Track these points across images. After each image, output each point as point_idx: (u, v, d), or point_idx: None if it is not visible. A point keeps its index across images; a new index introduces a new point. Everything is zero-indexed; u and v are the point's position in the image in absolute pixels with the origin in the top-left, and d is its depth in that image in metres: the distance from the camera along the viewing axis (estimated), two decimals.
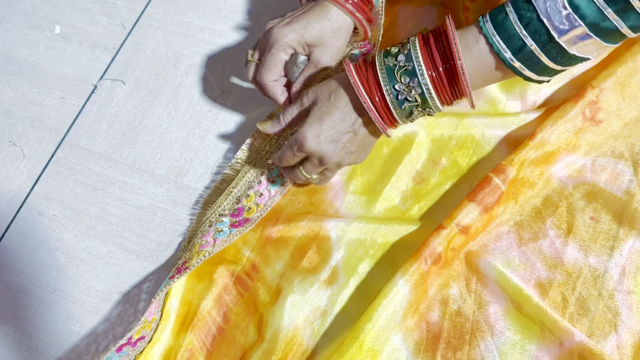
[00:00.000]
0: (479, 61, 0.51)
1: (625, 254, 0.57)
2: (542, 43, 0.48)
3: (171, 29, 0.79)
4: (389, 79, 0.51)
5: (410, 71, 0.50)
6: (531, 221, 0.59)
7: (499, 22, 0.49)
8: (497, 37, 0.49)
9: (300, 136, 0.54)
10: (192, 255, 0.60)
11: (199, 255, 0.59)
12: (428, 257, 0.56)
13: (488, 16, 0.50)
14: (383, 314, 0.55)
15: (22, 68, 0.80)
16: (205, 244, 0.60)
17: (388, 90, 0.51)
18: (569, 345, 0.53)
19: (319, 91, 0.56)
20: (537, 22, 0.47)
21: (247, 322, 0.60)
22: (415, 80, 0.50)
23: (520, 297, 0.55)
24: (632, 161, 0.60)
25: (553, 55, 0.48)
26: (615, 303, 0.55)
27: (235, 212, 0.63)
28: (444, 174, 0.64)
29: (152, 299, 0.58)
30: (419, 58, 0.50)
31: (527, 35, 0.48)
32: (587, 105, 0.61)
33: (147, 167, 0.71)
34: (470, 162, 0.64)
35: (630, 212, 0.58)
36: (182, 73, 0.76)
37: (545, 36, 0.47)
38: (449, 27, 0.49)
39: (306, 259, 0.61)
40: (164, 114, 0.74)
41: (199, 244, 0.60)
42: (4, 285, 0.67)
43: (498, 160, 0.63)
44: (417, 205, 0.63)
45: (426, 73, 0.50)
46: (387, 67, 0.51)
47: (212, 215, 0.63)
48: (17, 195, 0.72)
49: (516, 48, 0.49)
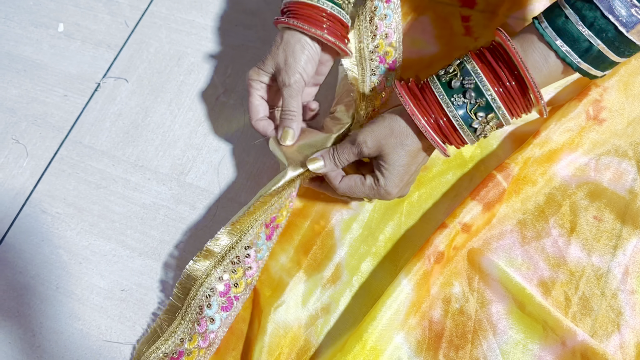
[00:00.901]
0: (548, 74, 0.49)
1: (628, 254, 0.57)
2: (609, 40, 0.46)
3: (174, 27, 0.79)
4: (453, 105, 0.50)
5: (477, 93, 0.49)
6: (534, 220, 0.59)
7: (560, 26, 0.47)
8: (561, 41, 0.47)
9: (385, 192, 0.55)
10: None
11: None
12: (431, 256, 0.56)
13: (546, 21, 0.48)
14: (387, 314, 0.55)
15: (26, 66, 0.80)
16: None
17: (455, 116, 0.50)
18: (571, 344, 0.53)
19: (382, 138, 0.53)
20: (602, 20, 0.45)
21: (254, 316, 0.61)
22: (485, 102, 0.49)
23: (522, 296, 0.55)
24: (636, 160, 0.60)
25: (621, 50, 0.47)
26: (618, 302, 0.55)
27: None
28: (446, 164, 0.64)
29: None
30: (485, 84, 0.49)
31: (593, 35, 0.46)
32: (591, 104, 0.61)
33: (149, 165, 0.71)
34: (474, 155, 0.64)
35: (634, 211, 0.58)
36: (185, 71, 0.76)
37: (612, 32, 0.45)
38: (510, 45, 0.48)
39: (311, 254, 0.62)
40: (167, 112, 0.74)
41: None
42: (7, 282, 0.67)
43: (502, 155, 0.63)
44: (418, 192, 0.63)
45: (497, 97, 0.49)
46: (446, 90, 0.50)
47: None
48: (20, 192, 0.72)
49: (583, 50, 0.47)
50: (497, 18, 0.71)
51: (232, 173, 0.69)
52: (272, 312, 0.59)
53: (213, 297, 0.57)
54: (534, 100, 0.49)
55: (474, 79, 0.49)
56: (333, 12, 0.58)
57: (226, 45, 0.77)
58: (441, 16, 0.72)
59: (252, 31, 0.77)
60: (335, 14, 0.59)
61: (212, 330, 0.58)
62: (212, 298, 0.57)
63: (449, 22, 0.71)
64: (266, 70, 0.61)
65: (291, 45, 0.58)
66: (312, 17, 0.58)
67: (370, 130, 0.54)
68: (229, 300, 0.59)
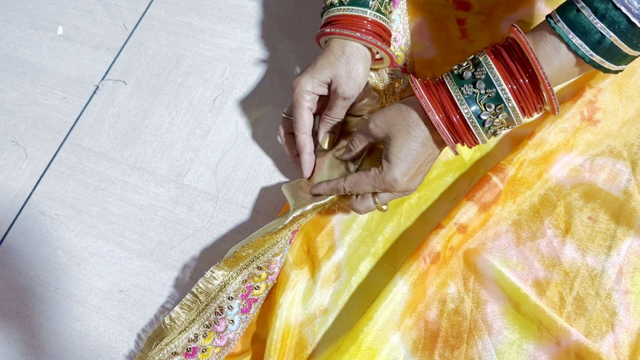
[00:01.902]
0: (559, 67, 0.49)
1: (622, 254, 0.57)
2: (622, 32, 0.45)
3: (172, 29, 0.80)
4: (467, 102, 0.49)
5: (487, 84, 0.49)
6: (529, 220, 0.60)
7: (571, 19, 0.47)
8: (573, 34, 0.47)
9: (390, 178, 0.53)
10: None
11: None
12: (427, 257, 0.56)
13: (558, 16, 0.48)
14: (383, 315, 0.55)
15: (25, 69, 0.81)
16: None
17: (468, 113, 0.50)
18: (566, 344, 0.53)
19: (391, 120, 0.53)
20: (614, 12, 0.45)
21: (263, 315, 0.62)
22: (495, 94, 0.49)
23: (518, 296, 0.56)
24: (631, 161, 0.60)
25: (634, 43, 0.46)
26: (613, 302, 0.55)
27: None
28: (446, 166, 0.64)
29: None
30: (495, 74, 0.48)
31: (605, 26, 0.46)
32: (585, 105, 0.61)
33: (148, 167, 0.71)
34: (473, 157, 0.64)
35: (628, 211, 0.58)
36: (183, 73, 0.76)
37: (625, 24, 0.45)
38: (520, 37, 0.48)
39: (310, 254, 0.62)
40: (165, 114, 0.74)
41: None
42: (7, 283, 0.67)
43: (500, 157, 0.63)
44: (417, 194, 0.63)
45: (507, 88, 0.48)
46: (461, 88, 0.50)
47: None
48: (19, 194, 0.72)
49: (595, 42, 0.46)
50: (492, 20, 0.71)
51: (230, 175, 0.70)
52: (278, 309, 0.60)
53: (235, 300, 0.58)
54: (546, 97, 0.49)
55: (485, 70, 0.49)
56: (382, 22, 0.59)
57: (224, 47, 0.77)
58: (437, 19, 0.72)
59: (250, 34, 0.77)
60: (383, 24, 0.59)
61: (230, 331, 0.59)
62: (235, 301, 0.58)
63: (445, 24, 0.72)
64: (322, 79, 0.59)
65: (354, 58, 0.58)
66: (376, 32, 0.59)
67: (381, 112, 0.54)
68: (249, 303, 0.60)
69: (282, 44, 0.76)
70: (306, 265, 0.62)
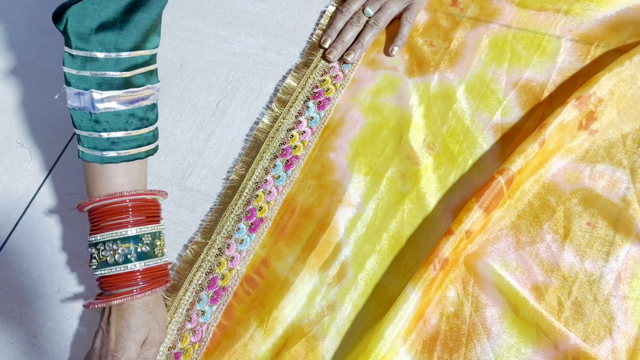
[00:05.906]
0: None
1: (621, 260, 0.57)
2: None
3: (177, 34, 0.81)
4: None
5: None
6: (528, 225, 0.60)
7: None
8: None
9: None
10: (224, 275, 0.63)
11: (231, 273, 0.63)
12: (437, 263, 0.57)
13: None
14: (394, 331, 0.55)
15: (31, 71, 0.82)
16: (233, 260, 0.64)
17: None
18: (564, 348, 0.53)
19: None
20: None
21: (249, 316, 0.62)
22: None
23: (516, 300, 0.56)
24: (630, 169, 0.61)
25: None
26: (611, 308, 0.56)
27: (248, 214, 0.65)
28: (437, 159, 0.65)
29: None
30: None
31: None
32: (585, 114, 0.62)
33: (151, 169, 0.72)
34: (461, 149, 0.65)
35: (627, 218, 0.59)
36: (187, 77, 0.77)
37: None
38: None
39: (316, 253, 0.63)
40: (169, 117, 0.75)
41: (226, 259, 0.64)
42: (10, 283, 0.68)
43: (486, 147, 0.64)
44: (416, 188, 0.64)
45: None
46: None
47: (228, 223, 0.65)
48: (24, 195, 0.73)
49: None
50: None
51: None
52: (280, 312, 0.60)
53: (202, 292, 0.63)
54: None
55: None
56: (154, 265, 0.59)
57: (227, 52, 0.78)
58: None
59: (253, 39, 0.78)
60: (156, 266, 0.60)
61: (201, 323, 0.61)
62: (202, 293, 0.62)
63: None
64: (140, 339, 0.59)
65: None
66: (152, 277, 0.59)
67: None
68: (217, 293, 0.62)
69: (285, 49, 0.77)
70: (309, 266, 0.62)
